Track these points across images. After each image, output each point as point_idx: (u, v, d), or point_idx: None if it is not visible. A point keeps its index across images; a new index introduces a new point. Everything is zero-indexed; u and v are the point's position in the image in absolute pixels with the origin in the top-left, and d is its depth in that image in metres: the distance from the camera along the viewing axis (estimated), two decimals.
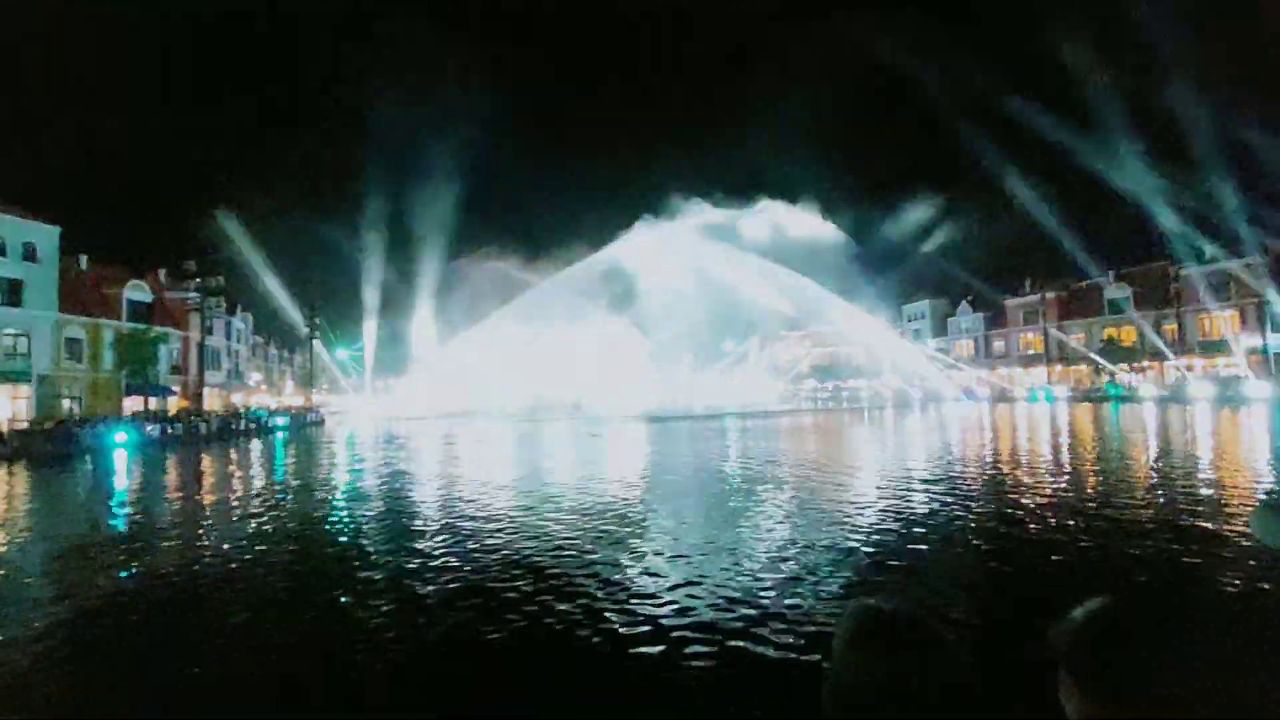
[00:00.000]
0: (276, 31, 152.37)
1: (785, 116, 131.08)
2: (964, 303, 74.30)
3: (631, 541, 9.17)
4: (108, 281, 43.28)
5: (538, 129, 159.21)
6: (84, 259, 44.00)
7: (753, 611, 6.10)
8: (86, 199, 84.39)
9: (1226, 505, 10.35)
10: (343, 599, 7.07)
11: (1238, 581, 6.65)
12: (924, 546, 8.47)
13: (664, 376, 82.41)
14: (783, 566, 7.59)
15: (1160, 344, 53.85)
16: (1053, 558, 7.94)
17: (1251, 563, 7.09)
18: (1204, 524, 9.18)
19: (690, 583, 7.03)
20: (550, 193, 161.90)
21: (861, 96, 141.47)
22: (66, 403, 37.66)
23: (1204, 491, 11.71)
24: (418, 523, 10.97)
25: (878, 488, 13.11)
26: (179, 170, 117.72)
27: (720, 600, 6.45)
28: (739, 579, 7.15)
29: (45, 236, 37.71)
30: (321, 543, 10.07)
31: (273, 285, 57.80)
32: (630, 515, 10.99)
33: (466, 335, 64.53)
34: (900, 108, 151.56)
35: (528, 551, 8.62)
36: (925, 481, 13.38)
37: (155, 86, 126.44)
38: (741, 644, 5.40)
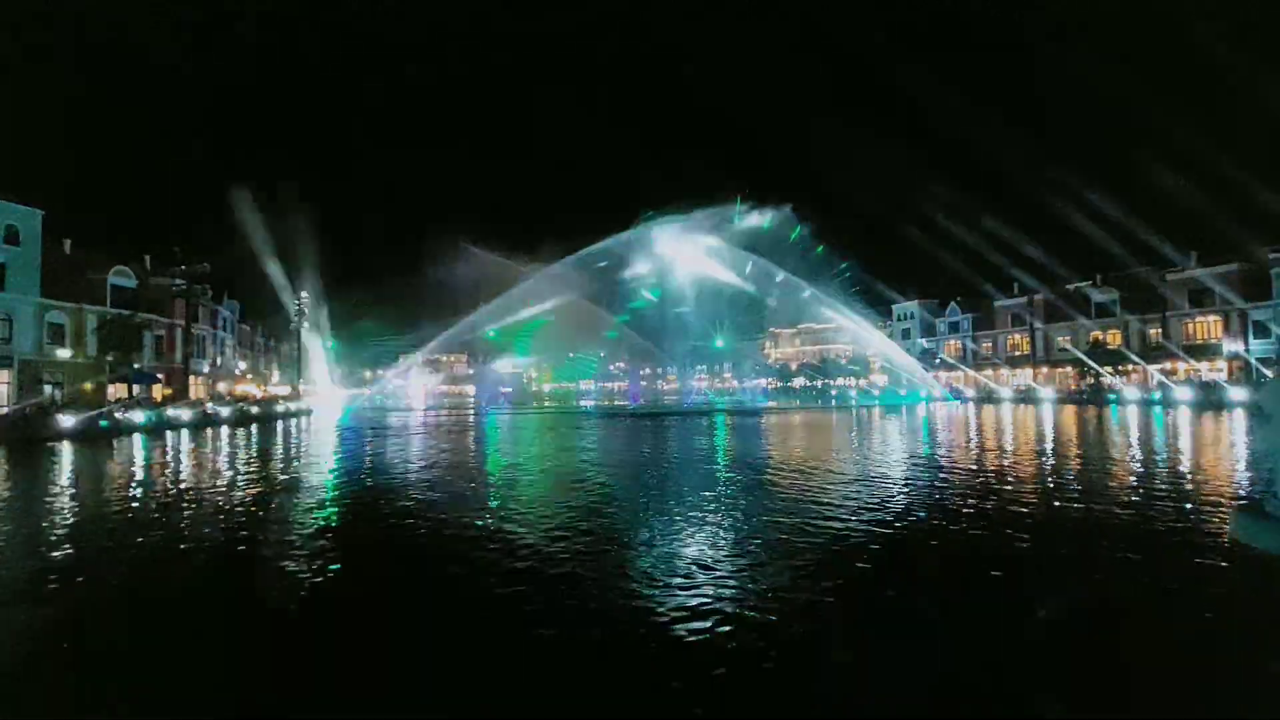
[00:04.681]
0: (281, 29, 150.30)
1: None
2: (953, 304, 74.86)
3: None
4: (92, 266, 42.54)
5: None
6: (68, 243, 43.28)
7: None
8: (71, 183, 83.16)
9: (1205, 507, 10.51)
10: None
11: (1216, 581, 6.72)
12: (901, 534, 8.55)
13: (654, 373, 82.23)
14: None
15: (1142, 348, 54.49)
16: (1028, 556, 8.04)
17: (1228, 563, 7.21)
18: (1183, 525, 9.33)
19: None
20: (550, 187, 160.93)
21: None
22: (48, 388, 37.09)
23: (1182, 494, 11.88)
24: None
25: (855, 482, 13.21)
26: (169, 155, 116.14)
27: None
28: None
29: (28, 219, 36.91)
30: None
31: (261, 273, 57.23)
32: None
33: (461, 328, 64.13)
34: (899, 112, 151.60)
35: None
36: (903, 477, 13.44)
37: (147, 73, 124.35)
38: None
